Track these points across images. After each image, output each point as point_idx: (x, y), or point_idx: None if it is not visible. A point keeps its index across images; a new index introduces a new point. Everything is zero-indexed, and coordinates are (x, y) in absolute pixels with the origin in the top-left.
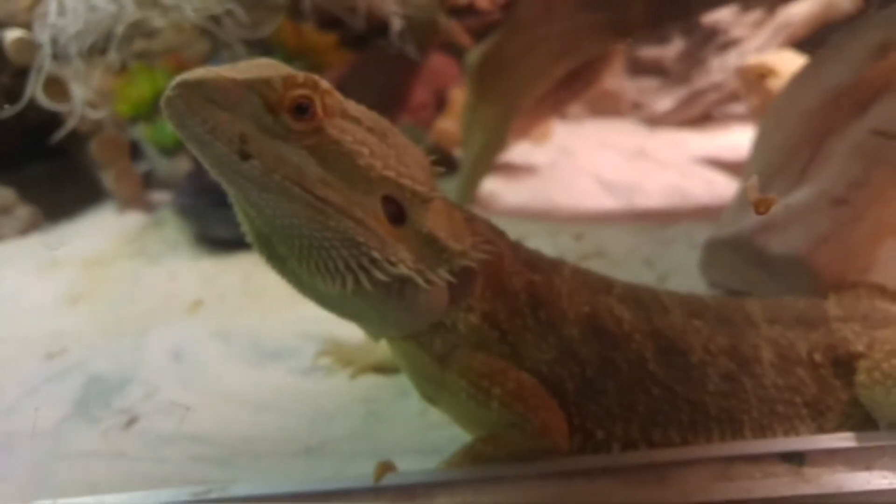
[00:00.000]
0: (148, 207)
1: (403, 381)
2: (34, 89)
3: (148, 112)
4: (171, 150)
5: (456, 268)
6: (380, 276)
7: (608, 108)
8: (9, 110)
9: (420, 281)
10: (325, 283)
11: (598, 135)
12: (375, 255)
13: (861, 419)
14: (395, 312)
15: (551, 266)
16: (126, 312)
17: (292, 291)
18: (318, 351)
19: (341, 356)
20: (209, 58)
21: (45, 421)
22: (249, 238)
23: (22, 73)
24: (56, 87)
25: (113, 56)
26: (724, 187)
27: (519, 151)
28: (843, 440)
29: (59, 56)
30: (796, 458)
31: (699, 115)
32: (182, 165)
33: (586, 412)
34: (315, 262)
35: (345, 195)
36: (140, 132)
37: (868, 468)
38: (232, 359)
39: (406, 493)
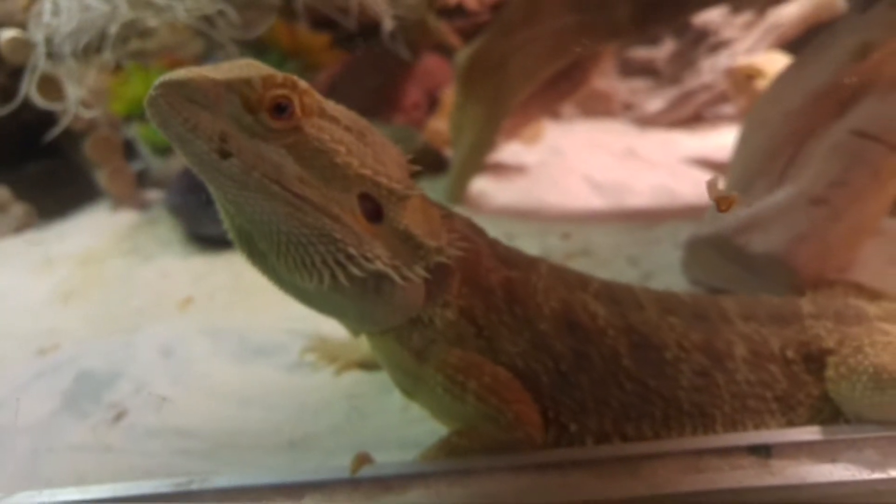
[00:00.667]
0: (141, 206)
1: (387, 377)
2: (29, 88)
3: (142, 111)
4: (165, 149)
5: (432, 264)
6: (356, 272)
7: (600, 108)
8: (3, 109)
9: (396, 277)
10: (302, 278)
11: (589, 135)
12: (352, 251)
13: (831, 414)
14: (372, 308)
15: (529, 263)
16: (118, 310)
17: (279, 289)
18: (304, 347)
19: (326, 352)
20: (204, 57)
21: (35, 415)
22: (231, 235)
23: (17, 73)
24: (51, 86)
25: (108, 55)
26: None
27: (509, 151)
28: (810, 434)
29: (53, 55)
30: (763, 451)
31: (690, 116)
32: (176, 164)
33: (560, 406)
34: (293, 258)
35: (322, 193)
36: (134, 131)
37: (833, 461)
38: (220, 355)
39: (382, 484)
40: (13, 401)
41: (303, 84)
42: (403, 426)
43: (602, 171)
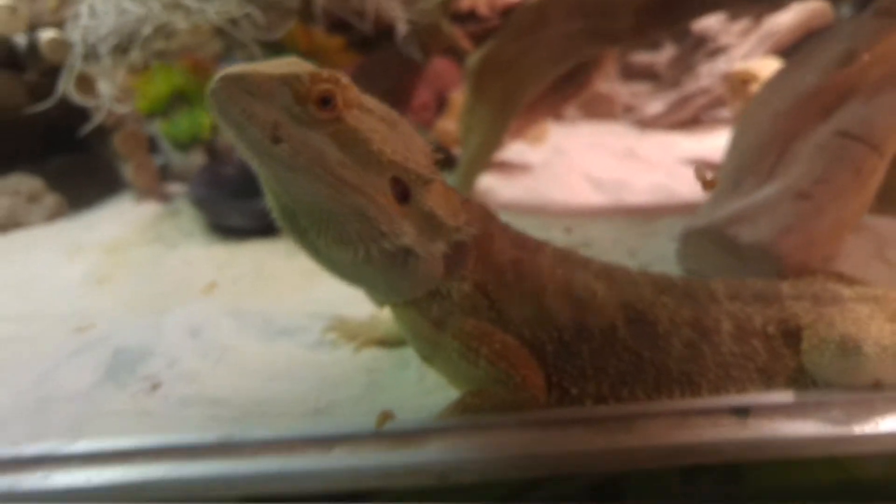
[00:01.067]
0: (164, 198)
1: (403, 353)
2: (66, 86)
3: (164, 108)
4: (186, 144)
5: (452, 242)
6: (387, 246)
7: (602, 111)
8: (42, 105)
9: (421, 252)
10: (339, 252)
11: (591, 136)
12: (384, 228)
13: (806, 384)
14: (399, 280)
15: (536, 246)
16: (146, 293)
17: (300, 276)
18: (325, 326)
19: (346, 331)
20: (222, 57)
21: (78, 386)
22: (274, 213)
23: (50, 72)
24: (83, 84)
25: (136, 56)
26: None
27: (515, 151)
28: (785, 397)
29: (88, 55)
30: (743, 412)
31: (688, 119)
32: (195, 159)
33: (563, 372)
34: (332, 233)
35: (359, 176)
36: (156, 128)
37: (803, 419)
38: (245, 334)
39: (403, 438)
40: (56, 373)
41: (344, 80)
42: (418, 396)
43: (603, 170)
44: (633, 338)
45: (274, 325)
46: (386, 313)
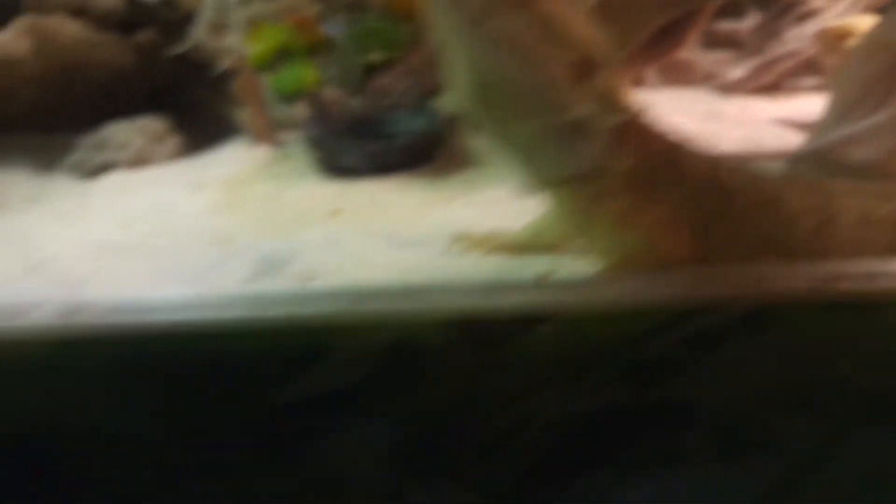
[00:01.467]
0: (275, 143)
1: (525, 260)
2: (198, 33)
3: (271, 63)
4: (290, 97)
5: (620, 121)
6: (565, 118)
7: (683, 77)
8: (181, 47)
9: (593, 126)
10: (522, 124)
11: (674, 99)
12: (565, 101)
13: None
14: (569, 153)
15: (678, 140)
16: (273, 218)
17: (416, 206)
18: (451, 239)
19: (471, 241)
20: (321, 18)
21: (233, 282)
22: (460, 93)
23: (165, 30)
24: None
25: (258, 8)
26: (794, 140)
27: None
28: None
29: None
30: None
31: (770, 84)
32: (299, 111)
33: (701, 245)
34: (518, 106)
35: (549, 54)
36: (264, 81)
37: None
38: (376, 247)
39: (567, 286)
40: (213, 272)
41: None
42: None
43: (691, 126)
44: (762, 221)
45: (402, 241)
46: (516, 220)
